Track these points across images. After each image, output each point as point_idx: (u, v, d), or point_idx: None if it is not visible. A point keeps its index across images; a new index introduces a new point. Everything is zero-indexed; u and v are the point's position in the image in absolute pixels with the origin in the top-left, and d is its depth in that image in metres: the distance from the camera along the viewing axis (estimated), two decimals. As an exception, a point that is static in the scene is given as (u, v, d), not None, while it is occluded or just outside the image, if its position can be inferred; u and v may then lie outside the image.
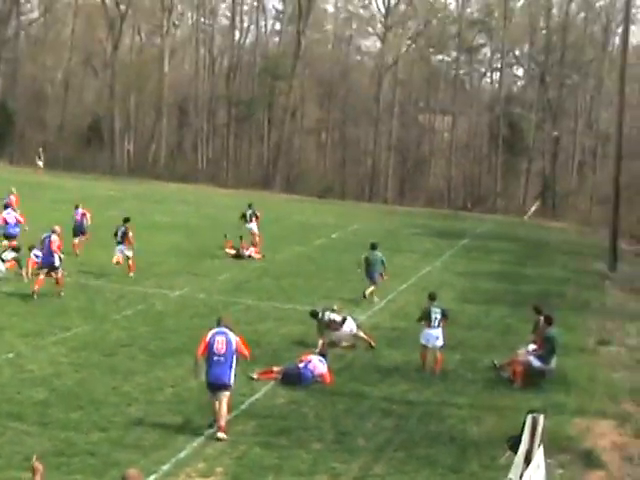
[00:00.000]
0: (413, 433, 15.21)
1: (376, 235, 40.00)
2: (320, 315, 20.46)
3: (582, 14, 68.98)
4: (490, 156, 69.22)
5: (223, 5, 77.73)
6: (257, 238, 34.39)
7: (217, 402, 14.35)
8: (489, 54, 74.86)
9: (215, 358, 14.34)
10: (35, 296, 22.81)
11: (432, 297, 19.49)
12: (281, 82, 66.58)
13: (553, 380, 18.53)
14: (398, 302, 25.93)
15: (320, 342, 20.01)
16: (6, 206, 30.49)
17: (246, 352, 14.72)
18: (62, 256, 24.07)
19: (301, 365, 17.60)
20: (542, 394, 17.69)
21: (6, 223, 29.38)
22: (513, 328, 23.09)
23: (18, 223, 29.79)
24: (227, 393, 14.42)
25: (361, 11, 77.64)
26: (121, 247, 26.91)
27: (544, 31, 69.04)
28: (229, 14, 74.93)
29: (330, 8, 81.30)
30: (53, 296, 23.39)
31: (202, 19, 74.05)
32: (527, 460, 10.28)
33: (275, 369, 17.68)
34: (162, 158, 69.45)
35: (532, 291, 29.48)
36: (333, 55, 76.65)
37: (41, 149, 62.51)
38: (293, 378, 17.37)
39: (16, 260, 25.37)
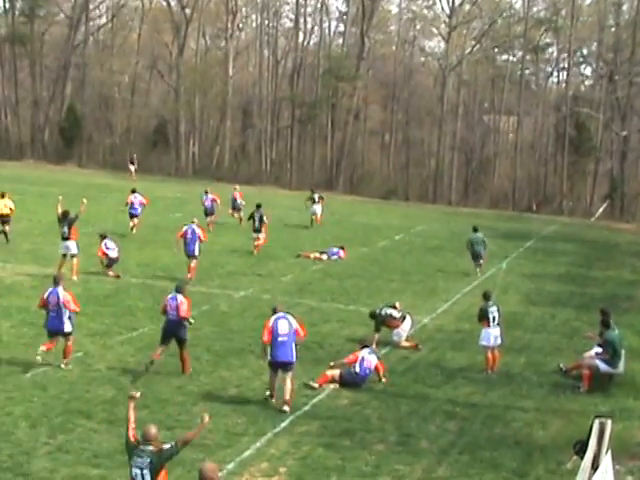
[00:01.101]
0: (477, 436, 15.09)
1: (440, 237, 39.87)
2: (378, 311, 20.52)
3: (653, 10, 67.60)
4: (556, 157, 68.27)
5: (287, 7, 78.21)
6: (319, 218, 38.75)
7: (281, 379, 15.62)
8: (556, 53, 73.93)
9: (280, 339, 15.57)
10: None
11: (487, 297, 19.27)
12: (344, 83, 66.55)
13: (621, 384, 18.23)
14: (462, 304, 25.75)
15: (375, 337, 20.06)
16: (133, 190, 36.34)
17: (302, 332, 16.04)
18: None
19: (357, 368, 17.43)
20: (610, 398, 17.42)
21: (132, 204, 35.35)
22: (579, 331, 22.74)
23: (141, 204, 35.73)
24: (291, 372, 15.71)
25: (425, 11, 77.35)
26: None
27: (613, 28, 67.85)
28: (293, 16, 75.26)
29: (394, 9, 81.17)
30: (118, 296, 23.76)
31: (266, 22, 74.46)
32: (594, 466, 10.12)
33: (329, 374, 17.47)
34: (226, 160, 69.98)
35: (599, 294, 29.06)
36: (397, 56, 76.41)
37: (135, 154, 63.15)
38: (355, 383, 17.30)
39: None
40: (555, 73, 76.85)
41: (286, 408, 15.44)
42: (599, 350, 18.52)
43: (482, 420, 15.94)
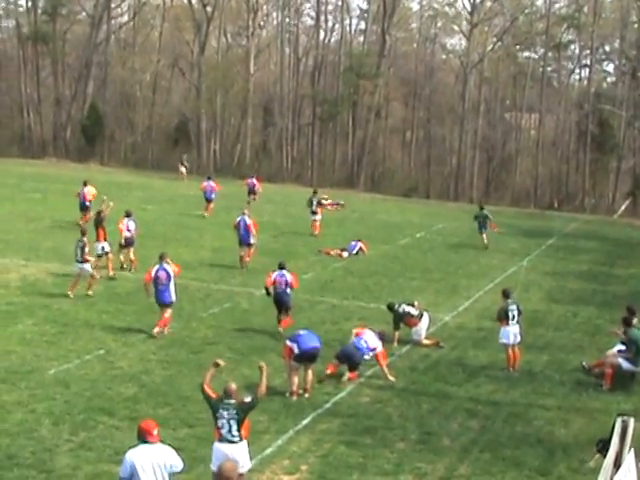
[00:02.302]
0: (499, 434, 15.06)
1: (461, 234, 39.74)
2: (396, 307, 20.53)
3: (677, 6, 67.04)
4: (578, 154, 67.92)
5: (308, 5, 77.96)
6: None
7: (304, 371, 16.26)
8: (578, 50, 73.46)
9: (302, 331, 16.80)
10: None
11: (507, 294, 19.20)
12: (366, 81, 66.42)
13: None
14: (484, 302, 25.67)
15: (395, 335, 20.09)
16: (208, 177, 42.36)
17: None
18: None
19: (354, 340, 17.79)
20: (632, 396, 17.35)
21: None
22: (602, 329, 22.64)
23: (214, 190, 40.83)
24: (314, 364, 16.44)
25: (446, 9, 77.09)
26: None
27: (636, 25, 67.38)
28: (314, 14, 75.17)
29: (415, 6, 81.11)
30: (140, 294, 23.85)
31: (287, 19, 74.44)
32: (617, 464, 10.06)
33: (333, 365, 17.64)
34: (247, 158, 70.04)
35: (622, 292, 28.87)
36: (418, 53, 76.24)
37: (185, 155, 63.13)
38: (350, 355, 17.48)
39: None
40: (577, 70, 76.40)
41: (308, 395, 16.22)
42: (622, 348, 18.42)
43: (504, 418, 15.90)
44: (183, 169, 60.03)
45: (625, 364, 17.99)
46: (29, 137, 73.11)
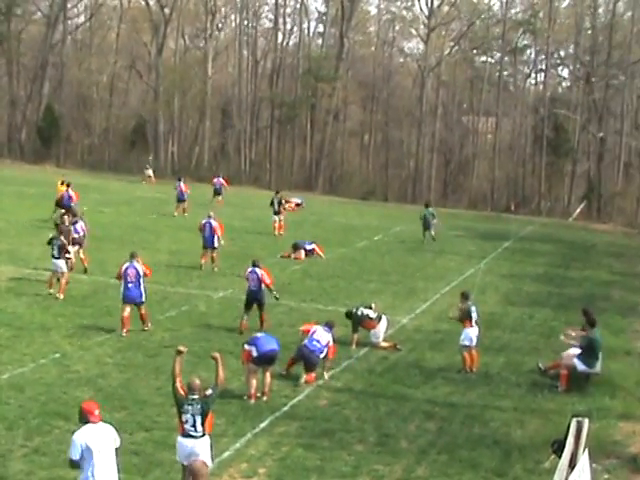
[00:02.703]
0: (456, 436, 15.13)
1: (419, 237, 39.88)
2: (354, 311, 20.56)
3: (629, 13, 68.04)
4: (534, 158, 68.62)
5: (266, 7, 78.04)
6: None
7: (262, 374, 16.19)
8: (533, 55, 74.29)
9: (260, 334, 16.89)
10: None
11: (467, 296, 19.29)
12: (324, 84, 66.55)
13: (598, 384, 18.32)
14: (441, 304, 25.79)
15: (354, 338, 20.12)
16: (179, 179, 42.88)
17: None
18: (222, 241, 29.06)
19: (307, 342, 17.68)
20: (587, 398, 17.50)
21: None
22: (557, 331, 22.85)
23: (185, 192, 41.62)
24: (272, 367, 16.44)
25: (404, 13, 77.50)
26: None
27: (590, 31, 68.27)
28: (272, 16, 75.24)
29: (373, 10, 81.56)
30: (96, 297, 23.64)
31: (245, 22, 74.33)
32: (572, 464, 10.17)
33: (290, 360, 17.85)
34: (205, 160, 69.85)
35: (577, 294, 29.19)
36: (376, 57, 76.54)
37: (150, 157, 62.38)
38: (306, 357, 17.53)
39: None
40: (533, 75, 77.37)
41: (266, 398, 16.12)
42: (577, 350, 18.59)
43: (461, 420, 15.98)
44: (150, 172, 59.56)
45: (580, 365, 18.16)
46: (-17, 138, 72.25)
